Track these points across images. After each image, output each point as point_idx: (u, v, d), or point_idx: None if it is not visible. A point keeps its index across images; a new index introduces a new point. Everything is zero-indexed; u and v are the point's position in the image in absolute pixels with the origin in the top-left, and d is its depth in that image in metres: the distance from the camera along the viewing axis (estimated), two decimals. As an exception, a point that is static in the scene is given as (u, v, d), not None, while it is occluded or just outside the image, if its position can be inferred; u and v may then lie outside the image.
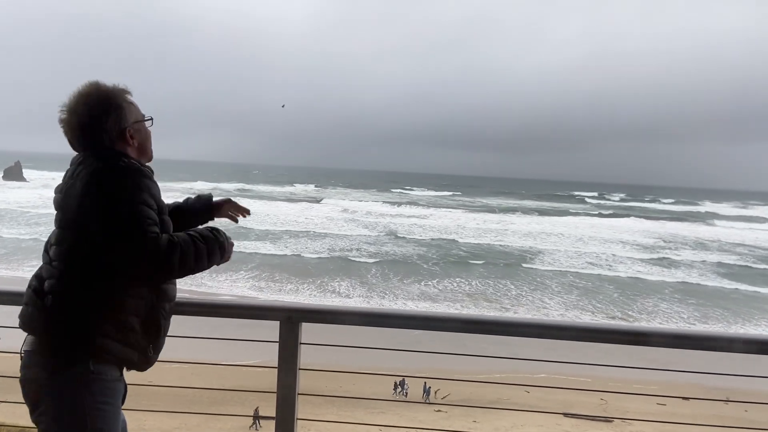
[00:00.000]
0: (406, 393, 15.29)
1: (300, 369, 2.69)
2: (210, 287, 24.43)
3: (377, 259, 34.11)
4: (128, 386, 2.27)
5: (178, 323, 2.40)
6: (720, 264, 37.88)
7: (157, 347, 2.24)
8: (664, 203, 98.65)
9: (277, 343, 2.68)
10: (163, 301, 2.23)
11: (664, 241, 47.68)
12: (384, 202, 73.14)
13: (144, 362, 2.21)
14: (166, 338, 2.29)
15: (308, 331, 2.77)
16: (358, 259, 33.97)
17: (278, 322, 2.67)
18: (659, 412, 13.05)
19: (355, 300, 25.19)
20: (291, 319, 2.67)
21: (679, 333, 3.30)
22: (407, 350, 5.24)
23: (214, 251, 2.17)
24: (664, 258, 39.39)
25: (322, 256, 34.68)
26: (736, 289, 30.46)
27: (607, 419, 12.91)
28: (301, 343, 2.69)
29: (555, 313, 24.86)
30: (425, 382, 15.16)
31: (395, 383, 15.43)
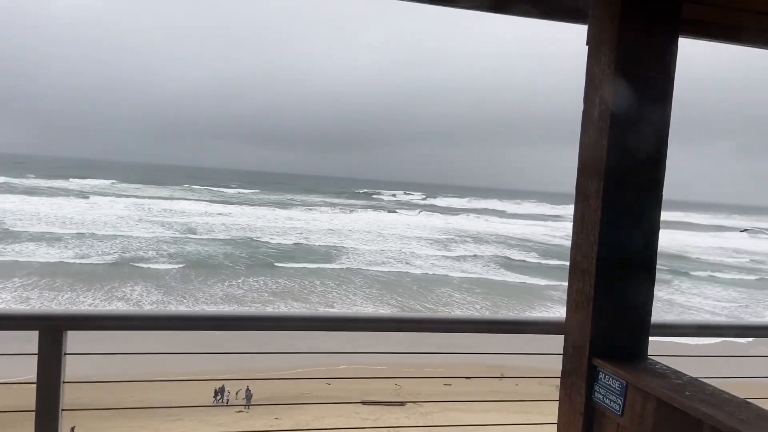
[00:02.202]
0: (227, 400, 14.82)
1: (65, 382, 2.46)
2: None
3: (176, 260, 32.19)
4: None
5: None
6: (502, 257, 42.90)
7: None
8: (459, 201, 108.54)
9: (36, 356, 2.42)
10: None
11: (457, 236, 52.54)
12: (185, 199, 69.12)
13: None
14: None
15: (96, 340, 2.54)
16: (154, 261, 31.69)
17: (37, 332, 2.42)
18: (445, 392, 14.40)
19: (149, 306, 23.43)
20: (53, 328, 2.42)
21: (487, 319, 3.63)
22: (197, 353, 5.06)
23: None
24: (461, 256, 42.92)
25: (111, 258, 31.66)
26: (518, 281, 34.69)
27: (401, 403, 13.91)
28: (66, 354, 2.47)
29: (361, 306, 25.95)
30: (247, 387, 14.88)
31: (215, 390, 14.87)
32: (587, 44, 2.28)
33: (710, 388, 1.88)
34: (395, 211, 74.38)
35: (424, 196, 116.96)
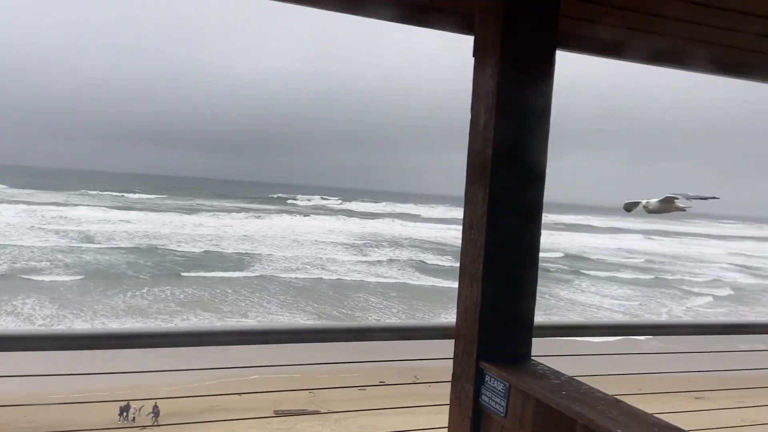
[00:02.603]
0: (134, 418, 13.99)
1: None
2: None
3: (73, 271, 30.17)
4: None
5: None
6: (417, 260, 43.59)
7: None
8: (376, 205, 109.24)
9: None
10: None
11: (373, 241, 52.85)
12: (83, 205, 64.97)
13: None
14: None
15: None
16: (47, 272, 29.52)
17: None
18: (359, 398, 14.40)
19: (41, 322, 21.71)
20: None
21: (395, 326, 3.63)
22: (97, 373, 4.72)
23: None
24: (377, 261, 43.09)
25: None
26: (433, 284, 35.31)
27: (315, 412, 13.75)
28: None
29: (276, 314, 25.42)
30: (155, 404, 14.12)
31: (120, 408, 14.02)
32: (473, 56, 2.34)
33: (585, 387, 1.96)
34: (310, 216, 73.81)
35: (340, 201, 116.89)
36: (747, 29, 2.66)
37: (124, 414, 14.22)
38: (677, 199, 4.11)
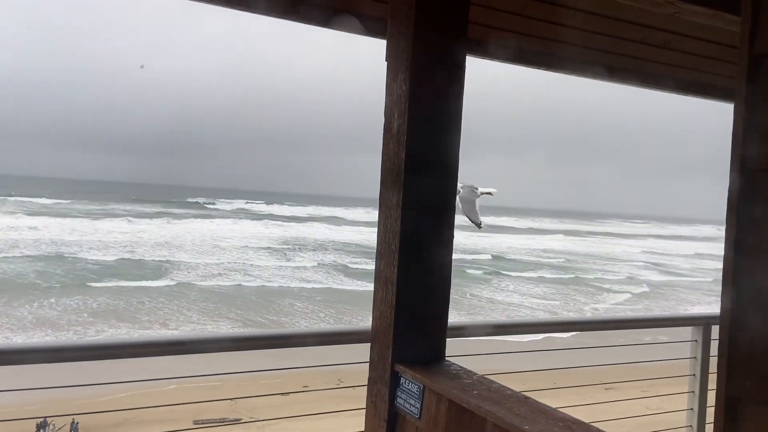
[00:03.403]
0: None
1: None
2: None
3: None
4: None
5: None
6: (342, 264, 43.50)
7: None
8: (303, 209, 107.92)
9: None
10: None
11: (298, 245, 52.23)
12: (-16, 211, 60.18)
13: None
14: None
15: None
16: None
17: None
18: (283, 403, 14.15)
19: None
20: None
21: (317, 332, 3.60)
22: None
23: None
24: (301, 266, 42.46)
25: None
26: (359, 288, 35.26)
27: (236, 421, 13.39)
28: None
29: (198, 322, 24.55)
30: (73, 419, 13.19)
31: (37, 424, 12.98)
32: (386, 60, 2.36)
33: (496, 385, 2.02)
34: (230, 219, 71.97)
35: (264, 204, 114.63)
36: (634, 36, 2.84)
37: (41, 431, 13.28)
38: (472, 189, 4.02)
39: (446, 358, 2.27)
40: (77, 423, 13.59)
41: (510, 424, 1.71)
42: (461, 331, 2.88)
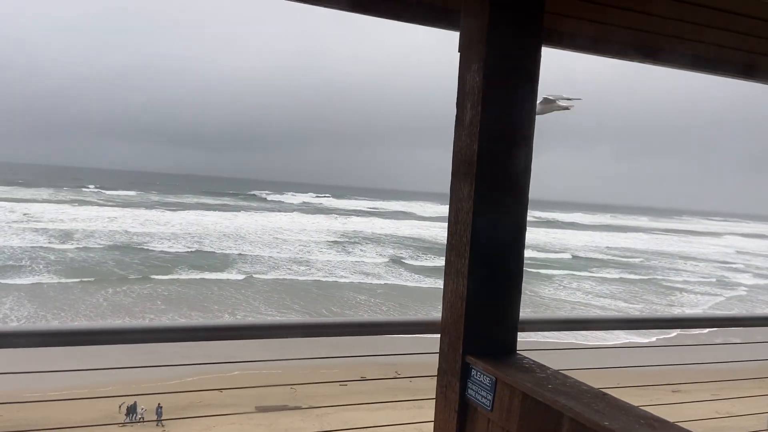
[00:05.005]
0: (142, 417, 13.82)
1: None
2: None
3: (56, 268, 29.80)
4: None
5: None
6: (400, 257, 43.63)
7: None
8: (360, 201, 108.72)
9: None
10: None
11: (358, 238, 52.69)
12: (64, 202, 64.02)
13: None
14: None
15: None
16: (27, 272, 29.07)
17: None
18: (341, 393, 14.40)
19: (15, 323, 21.28)
20: None
21: (378, 321, 3.63)
22: (74, 370, 4.62)
23: None
24: (359, 261, 42.78)
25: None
26: (420, 283, 35.24)
27: (297, 407, 13.73)
28: None
29: (265, 312, 25.26)
30: (159, 404, 13.95)
31: (127, 408, 13.83)
32: (459, 51, 2.34)
33: (571, 380, 1.98)
34: (295, 213, 73.39)
35: (332, 198, 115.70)
36: (720, 25, 2.69)
37: (131, 414, 13.98)
38: (555, 100, 4.27)
39: (518, 352, 2.25)
40: (161, 408, 14.27)
41: (588, 419, 1.68)
42: (531, 325, 2.83)
